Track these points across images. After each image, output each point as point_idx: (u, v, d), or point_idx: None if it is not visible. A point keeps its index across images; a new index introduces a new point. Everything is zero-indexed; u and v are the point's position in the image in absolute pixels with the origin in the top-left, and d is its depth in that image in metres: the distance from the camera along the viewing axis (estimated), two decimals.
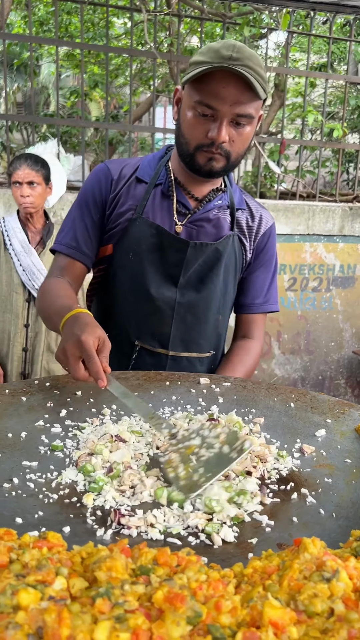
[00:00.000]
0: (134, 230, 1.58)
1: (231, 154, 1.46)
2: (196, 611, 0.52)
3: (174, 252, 1.57)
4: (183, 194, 1.60)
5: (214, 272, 1.61)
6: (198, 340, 1.67)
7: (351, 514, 0.89)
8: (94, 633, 0.49)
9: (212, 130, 1.40)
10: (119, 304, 1.65)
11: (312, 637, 0.53)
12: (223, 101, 1.37)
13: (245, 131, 1.44)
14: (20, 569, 0.56)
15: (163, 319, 1.61)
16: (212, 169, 1.48)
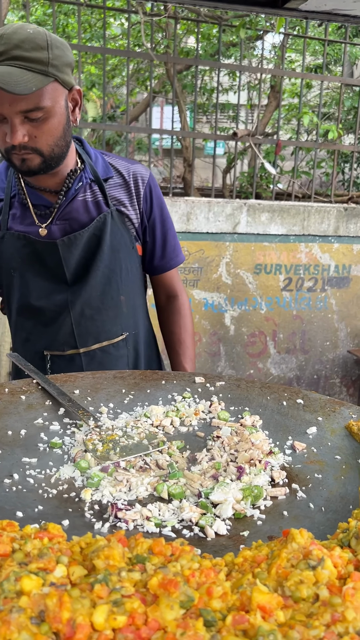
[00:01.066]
0: (5, 247, 1.55)
1: (41, 149, 1.39)
2: (189, 596, 0.55)
3: (49, 256, 1.54)
4: (38, 194, 1.55)
5: (99, 257, 1.56)
6: (104, 328, 1.64)
7: (339, 508, 0.92)
8: (92, 616, 0.52)
9: (8, 135, 1.33)
10: (19, 322, 1.65)
11: (297, 620, 0.56)
12: (1, 105, 1.29)
13: (46, 124, 1.35)
14: (23, 558, 0.59)
15: (62, 322, 1.60)
16: (30, 168, 1.42)
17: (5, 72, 1.23)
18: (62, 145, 1.44)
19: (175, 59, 4.56)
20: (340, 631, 0.54)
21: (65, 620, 0.52)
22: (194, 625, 0.52)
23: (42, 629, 0.51)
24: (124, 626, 0.52)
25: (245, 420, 1.23)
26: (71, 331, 1.61)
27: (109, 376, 1.44)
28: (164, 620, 0.53)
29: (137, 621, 0.53)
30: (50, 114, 1.35)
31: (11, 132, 1.32)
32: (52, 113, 1.35)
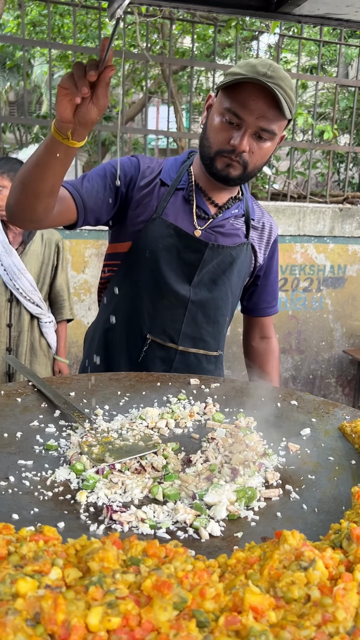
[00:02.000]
0: (152, 229, 1.62)
1: (249, 164, 1.52)
2: (182, 597, 0.56)
3: (191, 253, 1.62)
4: (203, 200, 1.66)
5: (227, 275, 1.68)
6: (206, 338, 1.73)
7: (332, 509, 0.94)
8: (87, 617, 0.53)
9: (234, 138, 1.47)
10: (132, 299, 1.70)
11: (289, 621, 0.57)
12: (250, 113, 1.44)
13: (266, 145, 1.52)
14: (19, 560, 0.60)
15: (175, 315, 1.67)
16: (228, 175, 1.54)
17: (276, 91, 1.40)
18: (259, 169, 1.60)
19: (171, 60, 4.57)
20: (330, 631, 0.55)
21: (60, 622, 0.53)
22: (187, 626, 0.53)
23: (37, 631, 0.52)
24: (118, 627, 0.53)
25: (240, 421, 1.24)
26: (179, 327, 1.68)
27: (105, 378, 1.45)
28: (157, 621, 0.54)
29: (131, 622, 0.54)
30: (272, 141, 1.53)
31: (241, 138, 1.47)
32: (273, 142, 1.54)
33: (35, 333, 3.05)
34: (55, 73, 9.42)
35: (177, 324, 1.68)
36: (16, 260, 2.91)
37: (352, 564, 0.65)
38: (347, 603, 0.58)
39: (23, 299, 2.94)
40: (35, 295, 2.97)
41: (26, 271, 2.92)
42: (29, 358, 3.05)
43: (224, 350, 1.86)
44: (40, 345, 3.09)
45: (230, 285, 1.70)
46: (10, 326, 2.98)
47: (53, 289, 3.12)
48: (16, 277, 2.90)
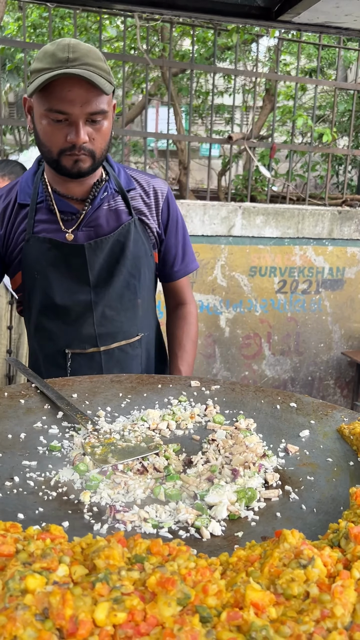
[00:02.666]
0: (30, 250, 1.62)
1: (95, 151, 1.50)
2: (185, 593, 0.58)
3: (74, 259, 1.61)
4: (65, 201, 1.63)
5: (121, 262, 1.65)
6: (122, 328, 1.73)
7: (331, 509, 0.96)
8: (94, 613, 0.55)
9: (70, 134, 1.43)
10: (41, 322, 1.71)
11: (289, 616, 0.59)
12: (72, 104, 1.39)
13: (103, 127, 1.48)
14: (27, 558, 0.62)
15: (85, 320, 1.67)
16: (80, 170, 1.51)
17: (85, 74, 1.35)
18: (108, 149, 1.57)
19: (171, 62, 4.59)
20: (329, 626, 0.57)
21: (68, 617, 0.54)
22: (191, 621, 0.55)
23: (46, 625, 0.54)
24: (124, 622, 0.55)
25: (240, 423, 1.26)
26: (93, 330, 1.69)
27: (106, 380, 1.47)
28: (161, 616, 0.56)
29: (137, 617, 0.56)
30: (107, 119, 1.48)
31: (76, 132, 1.43)
32: (108, 118, 1.49)
33: None
34: None
35: (90, 328, 1.68)
36: None
37: (350, 562, 0.67)
38: (344, 599, 0.60)
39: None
40: None
41: None
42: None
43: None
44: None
45: (127, 269, 1.67)
46: (11, 328, 3.00)
47: None
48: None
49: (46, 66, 1.38)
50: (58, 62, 1.36)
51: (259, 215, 4.39)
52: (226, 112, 8.03)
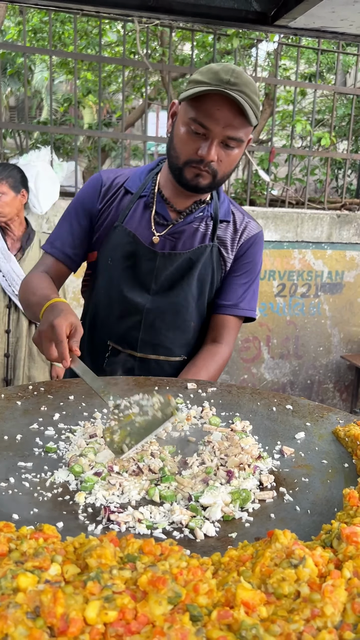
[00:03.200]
0: (113, 237, 1.67)
1: (218, 172, 1.53)
2: (176, 592, 0.59)
3: (146, 261, 1.65)
4: (164, 206, 1.67)
5: (185, 280, 1.67)
6: (166, 344, 1.73)
7: (325, 511, 0.96)
8: (85, 611, 0.55)
9: (202, 148, 1.48)
10: (97, 306, 1.76)
11: (279, 616, 0.59)
12: (216, 122, 1.44)
13: (233, 153, 1.52)
14: (19, 557, 0.62)
15: (132, 322, 1.69)
16: (198, 185, 1.55)
17: (241, 99, 1.41)
18: (229, 176, 1.61)
19: (171, 67, 4.61)
20: (319, 625, 0.58)
21: (59, 615, 0.55)
22: (181, 619, 0.55)
23: (37, 624, 0.55)
24: (115, 621, 0.56)
25: (236, 425, 1.26)
26: (137, 335, 1.71)
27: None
28: (152, 615, 0.56)
29: (127, 616, 0.56)
30: (240, 148, 1.53)
31: (209, 148, 1.47)
32: (241, 148, 1.54)
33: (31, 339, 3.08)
34: (55, 79, 9.47)
35: (134, 332, 1.70)
36: (15, 266, 2.93)
37: (341, 562, 0.68)
38: (335, 599, 0.60)
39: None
40: None
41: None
42: (27, 364, 3.07)
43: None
44: (38, 350, 3.11)
45: (190, 290, 1.67)
46: (9, 332, 3.00)
47: None
48: (15, 283, 2.92)
49: (206, 80, 1.43)
50: (218, 80, 1.41)
51: (258, 219, 4.39)
52: None
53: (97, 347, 1.76)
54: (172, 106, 1.60)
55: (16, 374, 3.03)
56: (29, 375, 3.05)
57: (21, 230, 3.03)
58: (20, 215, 3.00)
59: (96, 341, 1.76)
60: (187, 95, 1.46)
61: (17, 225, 3.00)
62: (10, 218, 2.93)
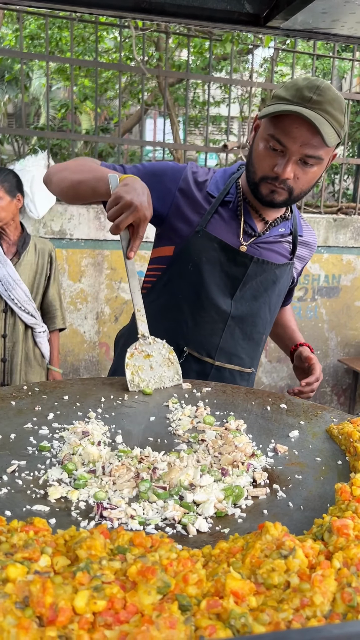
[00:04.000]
0: (196, 242, 1.63)
1: (294, 190, 1.53)
2: (165, 582, 0.59)
3: (235, 267, 1.62)
4: (251, 216, 1.66)
5: (268, 292, 1.68)
6: (241, 354, 1.73)
7: (317, 506, 0.96)
8: (74, 600, 0.55)
9: (278, 165, 1.47)
10: (172, 310, 1.69)
11: (269, 605, 0.59)
12: (293, 141, 1.43)
13: (312, 170, 1.51)
14: (9, 548, 0.63)
15: (214, 329, 1.67)
16: (273, 201, 1.55)
17: (320, 118, 1.39)
18: (307, 192, 1.60)
19: (167, 73, 4.64)
20: (308, 615, 0.58)
21: (48, 604, 0.55)
22: (170, 608, 0.55)
23: (26, 613, 0.55)
24: (104, 610, 0.56)
25: (230, 424, 1.26)
26: (217, 342, 1.68)
27: (98, 382, 1.47)
28: (141, 604, 0.56)
29: (116, 605, 0.56)
30: (319, 166, 1.51)
31: (285, 166, 1.47)
32: (321, 166, 1.52)
33: (29, 343, 3.07)
34: (53, 85, 9.52)
35: (215, 339, 1.68)
36: (11, 270, 2.93)
37: (332, 554, 0.68)
38: (324, 588, 0.60)
39: (18, 309, 2.96)
40: (30, 305, 2.99)
41: (21, 281, 2.95)
42: (24, 368, 3.06)
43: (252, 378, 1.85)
44: (34, 355, 3.11)
45: (270, 303, 1.71)
46: (5, 337, 3.00)
47: (45, 298, 3.14)
48: (11, 287, 2.92)
49: (288, 97, 1.43)
50: (300, 98, 1.40)
51: None
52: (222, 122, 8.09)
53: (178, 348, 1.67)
54: (255, 120, 1.59)
55: (13, 378, 3.03)
56: (25, 380, 3.05)
57: (17, 234, 3.03)
58: (15, 220, 3.01)
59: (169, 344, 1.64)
60: (267, 113, 1.45)
61: (12, 229, 3.00)
62: (6, 222, 2.93)
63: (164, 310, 1.69)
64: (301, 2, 1.21)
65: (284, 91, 1.46)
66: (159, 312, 1.69)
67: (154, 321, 1.65)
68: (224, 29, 1.76)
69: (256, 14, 1.36)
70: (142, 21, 4.40)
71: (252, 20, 1.37)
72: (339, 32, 1.37)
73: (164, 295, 1.70)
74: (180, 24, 2.80)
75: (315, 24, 1.33)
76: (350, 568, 0.64)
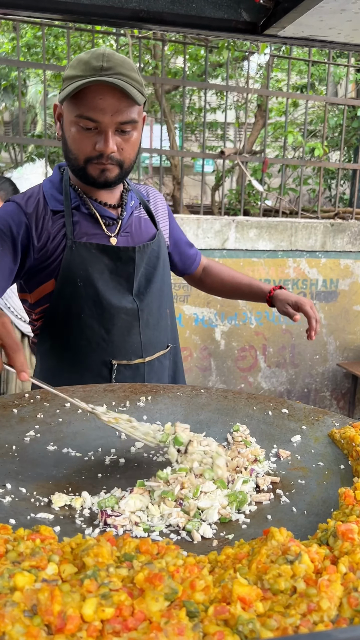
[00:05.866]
0: (73, 257, 1.54)
1: (123, 161, 1.50)
2: (173, 589, 0.59)
3: (122, 264, 1.58)
4: (102, 207, 1.61)
5: (157, 270, 1.66)
6: (160, 338, 1.72)
7: (321, 511, 0.96)
8: (82, 608, 0.55)
9: (98, 142, 1.43)
10: (80, 332, 1.61)
11: (276, 611, 0.60)
12: (103, 112, 1.40)
13: (132, 137, 1.48)
14: (16, 557, 0.63)
15: (130, 330, 1.63)
16: (107, 180, 1.51)
17: (119, 83, 1.36)
18: (135, 160, 1.57)
19: (163, 80, 4.66)
20: (315, 620, 0.58)
21: (56, 612, 0.55)
22: (177, 614, 0.55)
23: (34, 621, 0.55)
24: (112, 617, 0.56)
25: (238, 434, 1.24)
26: (139, 340, 1.65)
27: (99, 389, 1.48)
28: (149, 611, 0.56)
29: (124, 613, 0.56)
30: (137, 129, 1.49)
31: (105, 140, 1.43)
32: (138, 128, 1.49)
33: (26, 351, 3.07)
34: (49, 93, 9.54)
35: (136, 337, 1.64)
36: None
37: (337, 559, 0.68)
38: (331, 593, 0.60)
39: (14, 318, 2.96)
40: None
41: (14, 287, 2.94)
42: None
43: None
44: (31, 363, 3.09)
45: (161, 277, 1.69)
46: None
47: None
48: (7, 296, 2.92)
49: (79, 74, 1.39)
50: (92, 70, 1.37)
51: (252, 229, 4.42)
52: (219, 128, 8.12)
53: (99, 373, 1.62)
54: (55, 108, 1.54)
55: (9, 387, 3.02)
56: (22, 388, 3.05)
57: None
58: None
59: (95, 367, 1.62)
60: (65, 94, 1.41)
61: None
62: None
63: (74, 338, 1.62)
64: (298, 11, 1.22)
65: (72, 70, 1.42)
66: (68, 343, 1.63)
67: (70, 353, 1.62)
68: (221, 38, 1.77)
69: (253, 22, 1.37)
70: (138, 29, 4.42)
71: (249, 29, 1.38)
72: (335, 39, 1.38)
73: (66, 325, 1.62)
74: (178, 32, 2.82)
75: (311, 31, 1.34)
76: (357, 572, 0.64)
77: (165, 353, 1.75)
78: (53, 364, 1.68)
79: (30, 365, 3.09)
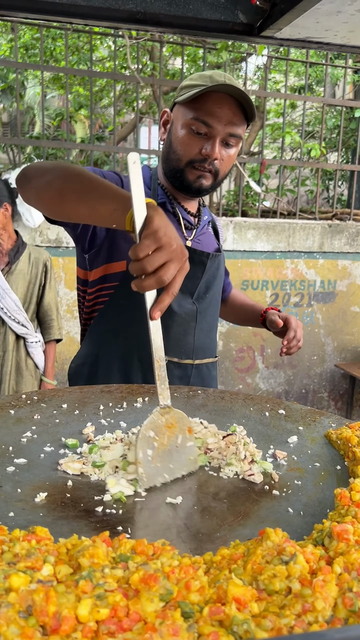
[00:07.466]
0: None
1: (219, 172, 1.56)
2: (168, 589, 0.59)
3: (194, 265, 1.57)
4: (184, 210, 1.69)
5: (217, 281, 1.73)
6: (210, 346, 1.77)
7: (317, 512, 0.96)
8: (77, 609, 0.56)
9: (206, 147, 1.50)
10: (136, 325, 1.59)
11: (271, 612, 0.60)
12: (218, 120, 1.47)
13: (232, 152, 1.56)
14: (11, 558, 0.63)
15: (187, 330, 1.68)
16: (201, 186, 1.57)
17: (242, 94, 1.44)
18: (226, 176, 1.64)
19: (161, 81, 4.66)
20: (310, 620, 0.58)
21: (51, 613, 0.55)
22: (172, 615, 0.56)
23: (29, 622, 0.55)
24: (107, 618, 0.56)
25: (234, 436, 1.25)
26: (192, 342, 1.70)
27: (97, 390, 1.48)
28: (144, 612, 0.57)
29: (119, 613, 0.56)
30: (237, 146, 1.57)
31: (212, 145, 1.50)
32: (238, 146, 1.58)
33: (21, 353, 3.05)
34: (47, 94, 9.54)
35: (189, 339, 1.69)
36: (1, 280, 2.92)
37: (332, 559, 0.68)
38: (326, 594, 0.60)
39: (7, 319, 2.94)
40: (21, 315, 2.97)
41: (10, 291, 2.93)
42: (15, 378, 3.04)
43: (217, 366, 1.88)
44: (26, 365, 3.08)
45: (217, 291, 1.75)
46: None
47: (41, 308, 3.12)
48: (0, 297, 2.91)
49: (202, 83, 1.46)
50: (215, 82, 1.45)
51: (250, 230, 4.43)
52: None
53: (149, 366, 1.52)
54: (163, 115, 1.61)
55: (2, 387, 3.01)
56: (16, 390, 3.04)
57: (10, 243, 3.01)
58: (7, 229, 2.97)
59: (146, 360, 1.56)
60: (187, 96, 1.48)
61: (5, 238, 2.97)
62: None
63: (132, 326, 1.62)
64: (294, 12, 1.23)
65: (192, 81, 1.51)
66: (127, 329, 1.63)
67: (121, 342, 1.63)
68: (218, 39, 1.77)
69: (250, 24, 1.37)
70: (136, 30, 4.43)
71: (246, 30, 1.38)
72: (332, 41, 1.39)
73: (124, 313, 1.62)
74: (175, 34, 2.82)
75: (308, 33, 1.35)
76: (351, 573, 0.64)
77: (213, 362, 1.79)
78: (105, 351, 1.67)
79: (26, 367, 3.08)
